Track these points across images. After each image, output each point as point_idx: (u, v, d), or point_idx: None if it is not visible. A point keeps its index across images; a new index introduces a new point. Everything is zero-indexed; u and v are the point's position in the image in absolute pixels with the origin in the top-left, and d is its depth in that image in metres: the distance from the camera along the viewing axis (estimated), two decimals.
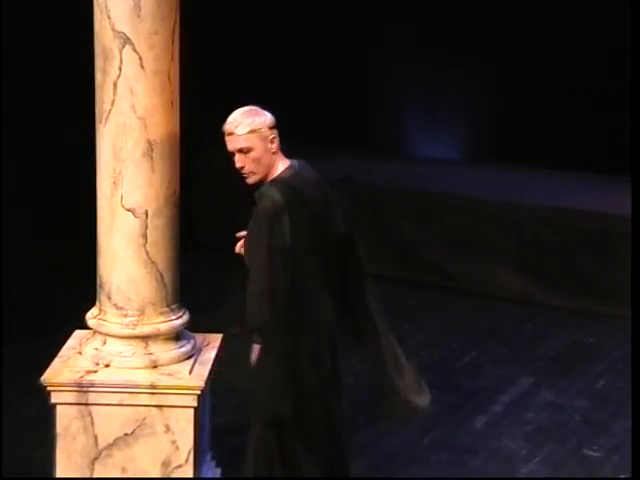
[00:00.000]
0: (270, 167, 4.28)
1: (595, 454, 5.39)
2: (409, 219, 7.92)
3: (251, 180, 4.27)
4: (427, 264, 7.82)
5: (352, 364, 6.34)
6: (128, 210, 4.43)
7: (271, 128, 4.29)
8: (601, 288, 7.26)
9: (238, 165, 4.24)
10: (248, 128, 4.24)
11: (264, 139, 4.26)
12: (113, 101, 4.39)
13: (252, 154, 4.23)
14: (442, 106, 8.94)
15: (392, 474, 5.15)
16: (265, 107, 4.40)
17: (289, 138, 8.69)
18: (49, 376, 4.45)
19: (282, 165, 4.31)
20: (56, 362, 4.54)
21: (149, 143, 4.41)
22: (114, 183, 4.44)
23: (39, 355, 4.74)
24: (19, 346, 6.26)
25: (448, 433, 5.60)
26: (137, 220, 4.44)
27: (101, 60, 4.39)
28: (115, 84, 4.36)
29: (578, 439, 5.55)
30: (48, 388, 4.44)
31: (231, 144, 4.25)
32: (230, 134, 4.25)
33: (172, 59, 4.42)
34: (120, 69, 4.35)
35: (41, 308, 6.82)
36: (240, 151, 4.23)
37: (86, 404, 4.41)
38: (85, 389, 4.39)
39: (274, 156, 4.28)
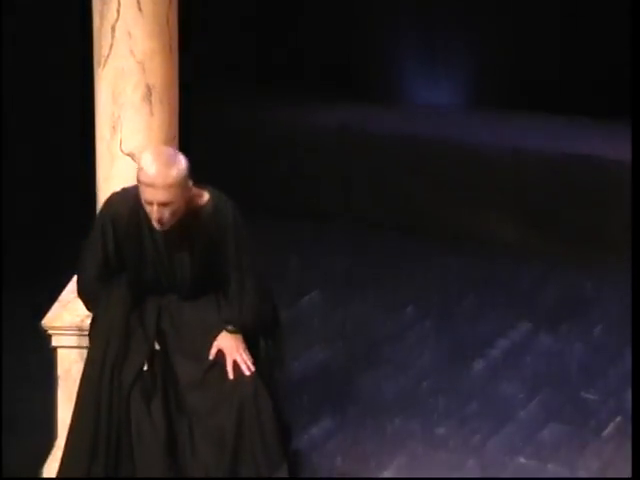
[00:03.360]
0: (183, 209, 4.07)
1: (591, 397, 5.43)
2: (408, 166, 7.91)
3: (162, 228, 4.04)
4: (425, 211, 7.83)
5: (348, 313, 6.44)
6: (127, 155, 4.44)
7: (188, 174, 4.03)
8: (600, 235, 7.27)
9: (156, 216, 3.96)
10: (171, 180, 3.95)
11: (184, 189, 4.01)
12: (111, 45, 4.37)
13: (172, 206, 3.97)
14: (441, 52, 8.88)
15: (391, 418, 5.19)
16: (260, 54, 4.37)
17: (285, 87, 8.75)
18: (49, 320, 4.48)
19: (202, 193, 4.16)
20: (56, 306, 4.57)
21: (148, 87, 4.40)
22: (113, 127, 4.44)
23: (39, 300, 4.76)
24: (19, 291, 6.29)
25: (447, 378, 5.63)
26: (136, 165, 4.44)
27: (99, 3, 4.37)
28: (113, 28, 4.35)
29: (575, 383, 5.58)
30: (49, 332, 4.47)
31: (151, 196, 3.95)
32: (151, 186, 3.94)
33: (170, 2, 4.41)
34: (118, 12, 4.33)
35: (41, 253, 6.83)
36: (161, 205, 3.95)
37: (87, 347, 4.42)
38: (85, 332, 4.41)
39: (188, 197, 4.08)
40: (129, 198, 4.13)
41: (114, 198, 4.22)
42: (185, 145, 4.65)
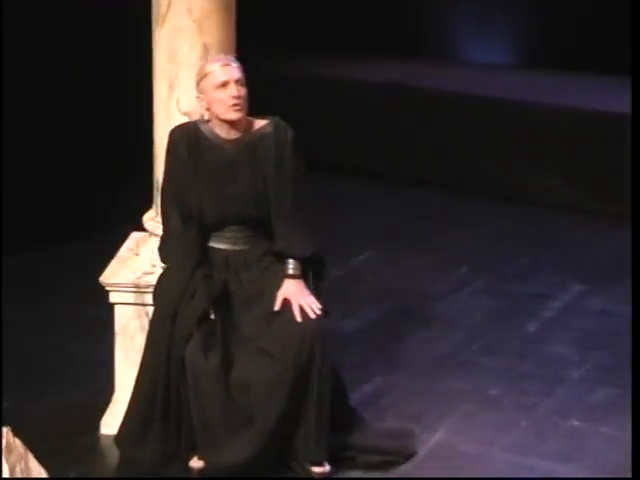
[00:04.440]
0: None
1: None
2: (459, 125, 7.88)
3: (238, 114, 4.22)
4: (477, 170, 7.80)
5: (400, 272, 6.46)
6: (184, 114, 4.45)
7: None
8: None
9: (235, 94, 4.17)
10: (236, 63, 4.27)
11: (245, 82, 4.27)
12: (169, 3, 4.38)
13: (244, 89, 4.23)
14: (495, 9, 8.81)
15: (442, 378, 5.19)
16: (311, 12, 4.38)
17: (334, 43, 8.72)
18: (107, 276, 4.52)
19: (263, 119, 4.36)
20: (114, 263, 4.61)
21: (205, 47, 4.41)
22: (170, 87, 4.46)
23: (96, 256, 4.81)
24: (77, 247, 6.35)
25: (498, 338, 5.62)
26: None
27: None
28: None
29: (628, 345, 5.54)
30: (106, 288, 4.52)
31: (228, 75, 4.19)
32: (227, 65, 4.21)
33: None
34: None
35: (99, 209, 6.90)
36: (237, 82, 4.19)
37: (143, 304, 4.48)
38: (142, 290, 4.47)
39: None
40: (187, 128, 4.30)
41: (173, 132, 4.33)
42: None
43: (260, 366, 4.18)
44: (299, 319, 4.21)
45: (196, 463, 4.28)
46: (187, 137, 4.27)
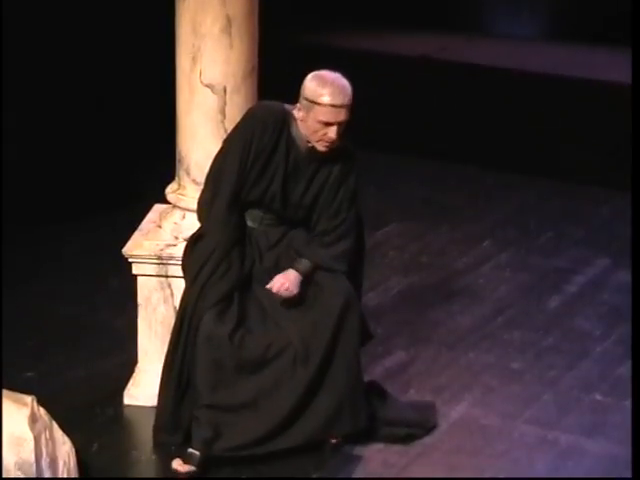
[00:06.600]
0: None
1: None
2: (487, 98, 7.84)
3: (325, 150, 4.13)
4: (504, 143, 7.76)
5: (425, 245, 6.45)
6: (207, 86, 4.46)
7: None
8: None
9: (333, 137, 4.07)
10: (350, 100, 4.12)
11: None
12: None
13: (343, 126, 4.12)
14: None
15: (465, 351, 5.20)
16: None
17: (364, 17, 8.69)
18: (130, 248, 4.55)
19: None
20: (137, 235, 4.63)
21: (228, 19, 4.40)
22: (193, 59, 4.46)
23: (120, 227, 4.84)
24: (100, 219, 6.39)
25: (522, 312, 5.62)
26: (215, 97, 4.47)
27: None
28: None
29: None
30: (129, 259, 4.54)
31: (335, 117, 4.06)
32: (340, 106, 4.06)
33: None
34: None
35: (121, 182, 6.93)
36: (340, 124, 4.09)
37: (166, 276, 4.51)
38: (165, 262, 4.49)
39: None
40: (277, 114, 4.19)
41: (261, 111, 4.23)
42: (264, 76, 4.67)
43: (278, 342, 4.18)
44: (268, 286, 4.18)
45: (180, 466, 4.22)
46: (273, 125, 4.15)
